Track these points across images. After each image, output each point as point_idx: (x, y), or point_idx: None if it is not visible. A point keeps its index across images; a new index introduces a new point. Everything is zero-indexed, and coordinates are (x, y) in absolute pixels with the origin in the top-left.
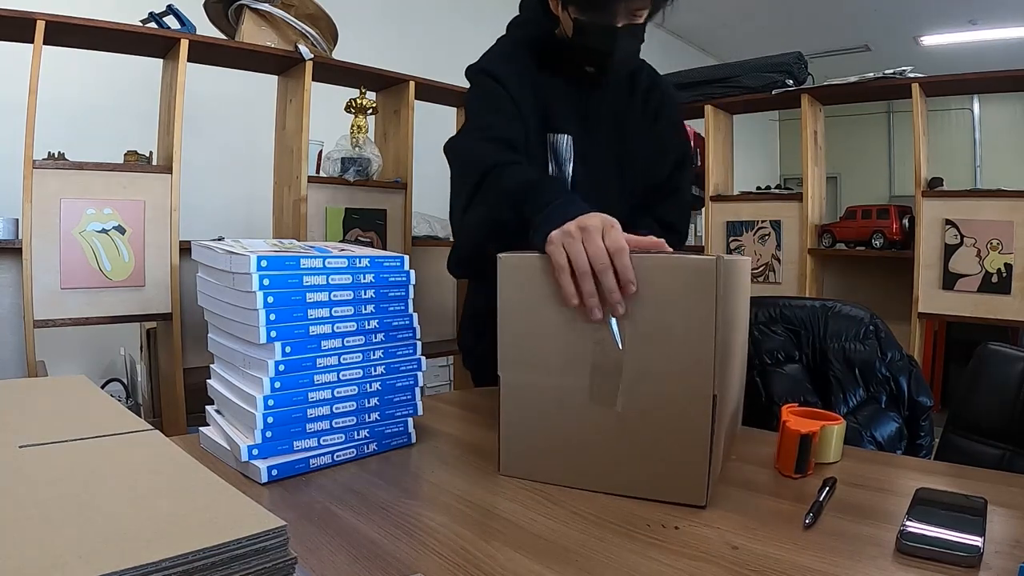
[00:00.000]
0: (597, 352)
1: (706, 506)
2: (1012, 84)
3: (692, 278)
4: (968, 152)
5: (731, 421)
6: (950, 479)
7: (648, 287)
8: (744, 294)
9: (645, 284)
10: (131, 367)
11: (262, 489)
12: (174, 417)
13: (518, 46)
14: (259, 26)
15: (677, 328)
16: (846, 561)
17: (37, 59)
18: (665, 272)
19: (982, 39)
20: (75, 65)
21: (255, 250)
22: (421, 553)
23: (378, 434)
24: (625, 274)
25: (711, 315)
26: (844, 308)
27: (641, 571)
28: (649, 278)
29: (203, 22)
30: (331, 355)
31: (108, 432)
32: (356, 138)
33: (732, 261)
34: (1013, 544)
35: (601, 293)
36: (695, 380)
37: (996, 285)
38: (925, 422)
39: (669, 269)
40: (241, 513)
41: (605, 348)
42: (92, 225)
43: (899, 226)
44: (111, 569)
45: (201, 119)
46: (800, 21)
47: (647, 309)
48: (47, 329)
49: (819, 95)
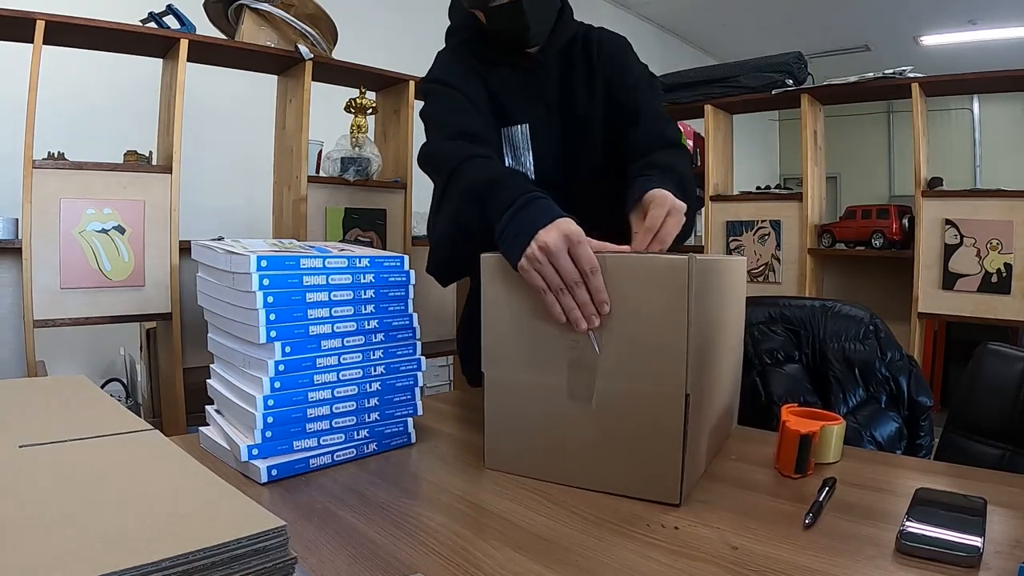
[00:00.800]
0: (574, 350)
1: (680, 504)
2: (1012, 84)
3: (665, 277)
4: (968, 152)
5: (719, 421)
6: (950, 479)
7: (624, 286)
8: (733, 293)
9: (623, 283)
10: (131, 367)
11: (262, 489)
12: (174, 417)
13: (457, 51)
14: (259, 26)
15: (651, 327)
16: (846, 561)
17: (37, 59)
18: (640, 272)
19: (982, 39)
20: (75, 65)
21: (255, 250)
22: (421, 553)
23: (378, 434)
24: (599, 295)
25: (683, 314)
26: (844, 308)
27: (641, 571)
28: (625, 277)
29: (203, 22)
30: (331, 355)
31: (108, 432)
32: (356, 138)
33: (714, 260)
34: (1013, 544)
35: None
36: (668, 379)
37: (996, 285)
38: (925, 422)
39: (643, 269)
40: (241, 513)
41: (582, 347)
42: (92, 225)
43: (899, 226)
44: (111, 569)
45: (201, 119)
46: (800, 21)
47: (622, 308)
48: (47, 329)
49: (819, 95)
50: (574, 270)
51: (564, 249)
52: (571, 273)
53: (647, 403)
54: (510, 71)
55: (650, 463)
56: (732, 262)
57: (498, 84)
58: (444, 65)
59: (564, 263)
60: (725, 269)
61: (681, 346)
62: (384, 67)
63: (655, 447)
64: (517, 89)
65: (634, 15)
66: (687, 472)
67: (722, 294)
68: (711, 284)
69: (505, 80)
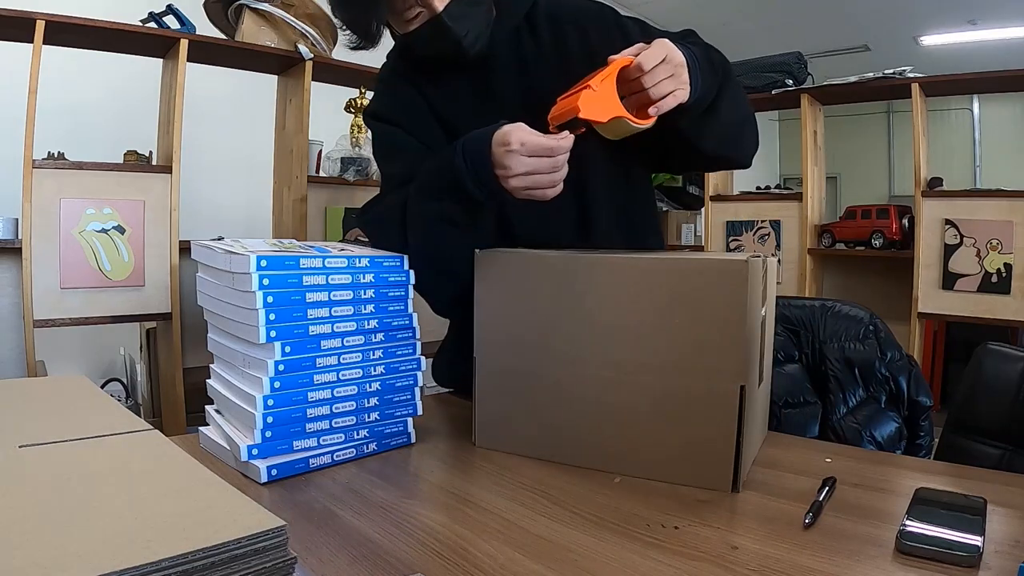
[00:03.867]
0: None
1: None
2: (1012, 84)
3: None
4: (968, 152)
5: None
6: (950, 479)
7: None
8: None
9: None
10: (131, 367)
11: (262, 489)
12: (174, 417)
13: (397, 72)
14: (259, 26)
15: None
16: (846, 561)
17: (37, 59)
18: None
19: (982, 39)
20: (75, 65)
21: (255, 250)
22: (421, 553)
23: (378, 434)
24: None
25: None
26: (844, 308)
27: (640, 571)
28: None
29: (203, 22)
30: (331, 355)
31: (108, 432)
32: (356, 138)
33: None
34: (1013, 544)
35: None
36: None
37: (996, 285)
38: (925, 422)
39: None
40: (241, 513)
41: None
42: (92, 225)
43: (899, 226)
44: (111, 569)
45: (201, 119)
46: (800, 21)
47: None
48: (47, 329)
49: (819, 95)
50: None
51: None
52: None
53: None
54: (457, 78)
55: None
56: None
57: (445, 99)
58: (386, 95)
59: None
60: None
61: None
62: None
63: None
64: (467, 98)
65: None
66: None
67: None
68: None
69: (452, 93)
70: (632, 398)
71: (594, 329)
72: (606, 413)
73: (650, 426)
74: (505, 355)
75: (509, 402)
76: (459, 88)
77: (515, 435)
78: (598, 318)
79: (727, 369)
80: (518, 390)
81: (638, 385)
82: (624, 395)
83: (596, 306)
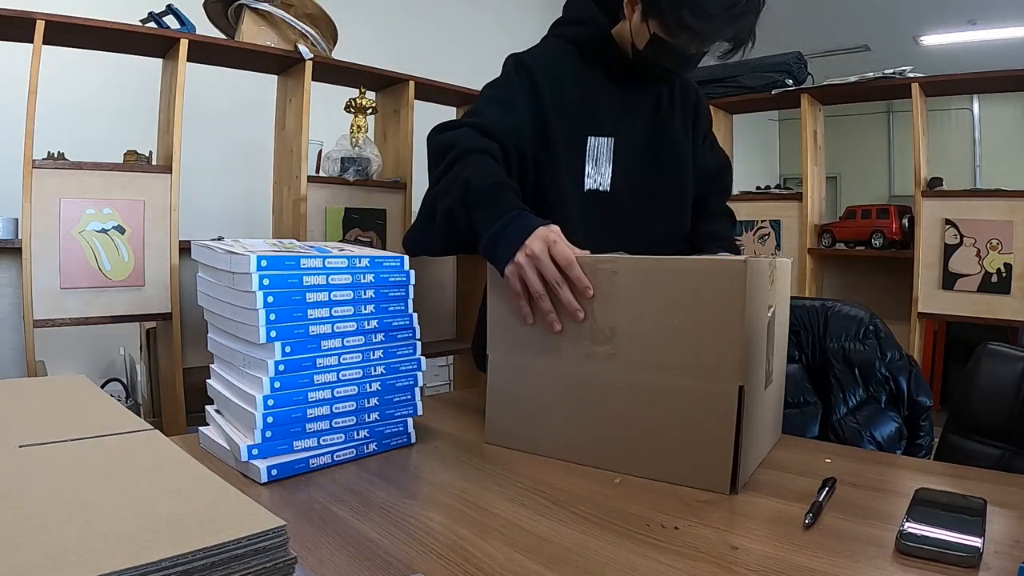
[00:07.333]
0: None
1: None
2: (1012, 84)
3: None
4: (968, 152)
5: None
6: (949, 479)
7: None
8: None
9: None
10: (131, 367)
11: (262, 489)
12: (174, 417)
13: (565, 47)
14: (259, 26)
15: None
16: (846, 561)
17: (37, 59)
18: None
19: (982, 39)
20: (75, 65)
21: (255, 250)
22: (421, 553)
23: (378, 434)
24: (580, 283)
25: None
26: (844, 308)
27: (641, 571)
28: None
29: (203, 22)
30: (331, 355)
31: (108, 432)
32: (356, 138)
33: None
34: (1013, 544)
35: (560, 307)
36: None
37: (996, 285)
38: (925, 422)
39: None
40: (241, 513)
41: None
42: (92, 225)
43: (899, 226)
44: (111, 569)
45: (201, 119)
46: (800, 21)
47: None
48: (47, 329)
49: (819, 95)
50: (555, 271)
51: (546, 251)
52: (553, 274)
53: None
54: (608, 79)
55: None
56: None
57: (592, 91)
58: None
59: (546, 265)
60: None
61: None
62: (384, 67)
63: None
64: (610, 100)
65: None
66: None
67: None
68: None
69: (600, 89)
70: (632, 398)
71: (595, 329)
72: (607, 413)
73: (650, 426)
74: (513, 354)
75: (516, 401)
76: (607, 87)
77: (521, 433)
78: (599, 318)
79: (726, 369)
80: (525, 389)
81: (638, 385)
82: (624, 395)
83: (598, 306)
